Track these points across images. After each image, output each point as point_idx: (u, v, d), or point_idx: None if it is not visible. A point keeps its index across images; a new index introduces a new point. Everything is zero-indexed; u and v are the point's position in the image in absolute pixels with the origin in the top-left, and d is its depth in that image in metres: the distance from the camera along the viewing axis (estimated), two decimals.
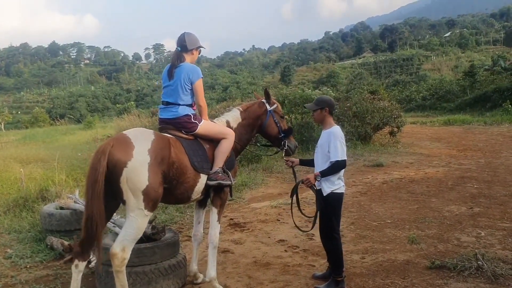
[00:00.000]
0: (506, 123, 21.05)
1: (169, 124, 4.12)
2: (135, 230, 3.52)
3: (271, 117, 4.69)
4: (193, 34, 4.35)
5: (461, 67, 69.00)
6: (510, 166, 10.23)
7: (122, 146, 3.50)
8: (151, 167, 3.50)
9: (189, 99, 4.15)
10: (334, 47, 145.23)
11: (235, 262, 4.98)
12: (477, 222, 6.13)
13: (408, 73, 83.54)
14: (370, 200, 7.83)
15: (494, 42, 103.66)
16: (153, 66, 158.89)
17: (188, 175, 3.87)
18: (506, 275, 4.21)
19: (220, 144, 4.15)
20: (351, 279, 4.38)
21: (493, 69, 42.02)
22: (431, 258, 4.74)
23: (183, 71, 4.11)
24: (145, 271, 3.93)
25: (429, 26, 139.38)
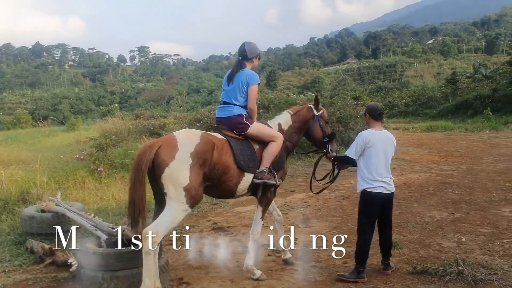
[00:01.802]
0: (487, 130, 21.41)
1: (223, 124, 4.51)
2: (171, 219, 3.87)
3: (317, 122, 5.04)
4: (253, 43, 4.75)
5: (443, 74, 70.12)
6: (490, 173, 10.39)
7: (168, 148, 3.89)
8: (192, 168, 3.86)
9: (244, 101, 4.52)
10: (319, 52, 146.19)
11: (218, 266, 4.96)
12: (458, 227, 6.21)
13: (391, 79, 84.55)
14: (353, 205, 7.85)
15: (476, 50, 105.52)
16: (137, 68, 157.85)
17: (231, 174, 4.20)
18: (486, 280, 4.27)
19: (269, 146, 4.47)
20: (333, 283, 4.41)
21: (474, 77, 42.72)
22: (413, 263, 4.79)
23: (242, 76, 4.52)
24: (126, 275, 3.90)
25: (412, 34, 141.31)
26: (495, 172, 10.48)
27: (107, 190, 8.73)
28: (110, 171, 10.16)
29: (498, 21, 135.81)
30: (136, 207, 3.85)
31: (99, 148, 11.57)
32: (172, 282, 4.47)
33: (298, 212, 7.54)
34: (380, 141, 4.55)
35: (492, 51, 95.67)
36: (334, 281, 4.46)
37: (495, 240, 5.56)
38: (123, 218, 6.85)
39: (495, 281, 4.25)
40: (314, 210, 7.62)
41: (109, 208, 7.56)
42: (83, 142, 16.17)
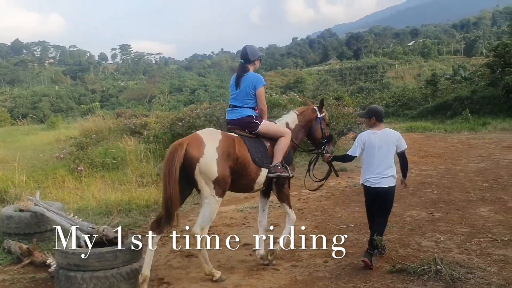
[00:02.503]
0: (465, 131, 21.75)
1: (235, 125, 4.83)
2: (210, 212, 4.33)
3: (319, 123, 5.38)
4: (253, 46, 5.07)
5: (423, 75, 70.97)
6: (468, 173, 10.57)
7: (196, 145, 4.24)
8: (219, 162, 4.23)
9: (252, 103, 4.84)
10: (302, 53, 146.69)
11: (199, 266, 4.93)
12: (436, 227, 6.31)
13: (372, 80, 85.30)
14: (334, 204, 7.95)
15: (455, 52, 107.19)
16: (119, 66, 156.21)
17: (251, 169, 4.57)
18: (463, 278, 4.34)
19: (279, 142, 4.79)
20: (314, 283, 4.44)
21: (453, 78, 43.35)
22: (392, 262, 4.85)
23: (248, 79, 4.83)
24: (106, 275, 3.87)
25: (393, 35, 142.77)
26: (473, 172, 10.67)
27: (87, 190, 8.65)
28: (90, 170, 10.07)
29: (477, 23, 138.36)
30: (173, 203, 4.12)
31: (79, 147, 11.46)
32: (152, 282, 4.45)
33: (280, 211, 7.55)
34: (376, 141, 4.96)
35: (471, 53, 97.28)
36: (315, 280, 4.49)
37: (472, 239, 5.66)
38: (103, 217, 6.80)
39: (472, 280, 4.33)
40: (295, 210, 7.58)
41: (89, 207, 7.50)
42: (63, 141, 15.99)
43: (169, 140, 13.09)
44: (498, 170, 10.79)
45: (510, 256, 4.99)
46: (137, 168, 10.32)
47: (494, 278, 4.38)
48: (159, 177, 9.76)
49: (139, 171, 10.08)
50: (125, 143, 11.99)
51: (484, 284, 4.25)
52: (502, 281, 4.30)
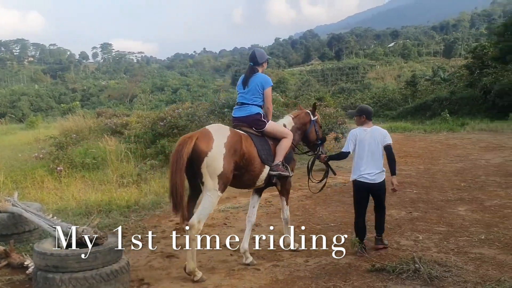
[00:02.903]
0: (444, 131, 22.09)
1: (243, 122, 5.04)
2: (210, 206, 4.45)
3: (313, 126, 5.71)
4: (261, 49, 5.43)
5: (404, 76, 71.82)
6: (447, 173, 10.74)
7: (205, 139, 4.39)
8: (226, 157, 4.40)
9: (260, 101, 5.08)
10: (284, 53, 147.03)
11: (180, 266, 4.93)
12: (415, 226, 6.40)
13: (353, 81, 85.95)
14: (315, 204, 8.00)
15: (435, 53, 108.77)
16: (100, 65, 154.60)
17: (256, 165, 4.79)
18: (441, 277, 4.41)
19: (281, 142, 5.06)
20: (294, 282, 4.46)
21: (433, 79, 44.01)
22: (372, 261, 4.91)
23: (257, 79, 5.09)
24: (86, 276, 3.82)
25: (374, 36, 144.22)
26: (451, 172, 10.85)
27: (67, 190, 8.55)
28: (70, 170, 9.95)
29: (456, 25, 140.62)
30: (178, 192, 4.26)
31: (59, 147, 11.34)
32: (132, 283, 4.42)
33: (262, 211, 7.58)
34: (367, 138, 5.31)
35: (450, 54, 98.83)
36: (296, 280, 4.51)
37: (450, 238, 5.75)
38: (83, 218, 6.73)
39: (449, 278, 4.40)
40: (277, 210, 7.66)
41: (69, 208, 7.41)
42: (42, 141, 15.75)
43: (150, 140, 13.00)
44: (475, 170, 10.99)
45: (486, 255, 5.09)
46: (117, 168, 10.24)
47: (470, 276, 4.46)
48: (140, 178, 9.70)
49: (119, 171, 10.00)
50: (106, 143, 11.88)
51: (461, 282, 4.32)
52: (478, 279, 4.38)
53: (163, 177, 9.84)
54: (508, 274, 4.45)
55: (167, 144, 11.57)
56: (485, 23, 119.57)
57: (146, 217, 7.22)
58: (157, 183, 9.14)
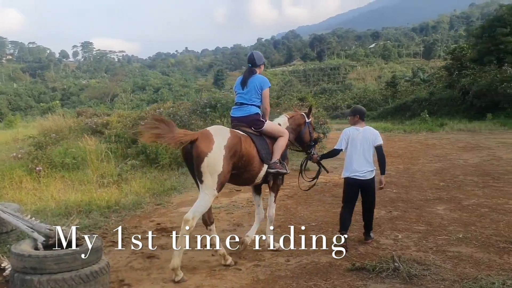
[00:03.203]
0: (424, 132, 22.41)
1: (241, 122, 5.19)
2: (205, 204, 4.57)
3: (307, 127, 5.92)
4: (259, 52, 5.56)
5: (384, 77, 72.69)
6: (426, 172, 10.90)
7: (205, 140, 4.51)
8: (225, 159, 4.52)
9: (258, 101, 5.25)
10: (266, 53, 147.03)
11: (160, 267, 4.91)
12: (395, 225, 6.48)
13: (335, 81, 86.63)
14: (297, 203, 8.04)
15: (414, 54, 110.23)
16: (81, 64, 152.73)
17: (255, 165, 4.96)
18: (420, 275, 4.47)
19: (278, 141, 5.26)
20: (275, 281, 4.47)
21: (413, 80, 44.66)
22: (352, 260, 4.95)
23: (256, 80, 5.25)
24: (65, 278, 3.77)
25: (356, 37, 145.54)
26: (430, 172, 11.01)
27: (46, 190, 8.43)
28: (49, 170, 9.81)
29: (436, 27, 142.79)
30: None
31: (38, 147, 11.17)
32: (112, 284, 4.38)
33: (243, 211, 7.59)
34: (359, 137, 5.55)
35: (429, 56, 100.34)
36: (277, 279, 4.53)
37: (429, 237, 5.83)
38: (62, 219, 6.64)
39: (428, 276, 4.46)
40: None
41: (48, 208, 7.30)
42: (21, 140, 15.53)
43: (130, 140, 12.90)
44: (454, 170, 11.18)
45: (464, 253, 5.18)
46: (98, 168, 10.13)
47: (448, 274, 4.53)
48: (120, 178, 9.62)
49: (100, 171, 9.90)
50: (86, 142, 11.73)
51: (439, 280, 4.38)
52: (456, 277, 4.45)
53: (144, 177, 9.78)
54: (485, 272, 4.53)
55: (148, 144, 11.49)
56: (464, 25, 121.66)
57: (126, 218, 7.15)
58: (138, 183, 9.07)
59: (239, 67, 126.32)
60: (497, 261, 4.88)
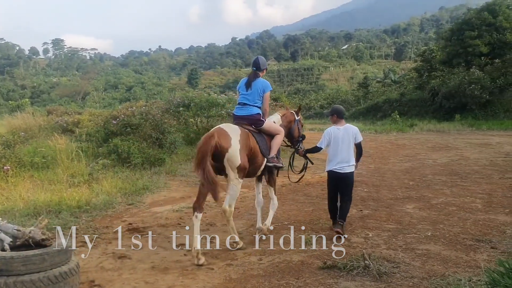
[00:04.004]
0: (394, 132, 22.81)
1: (244, 120, 5.66)
2: (236, 192, 5.24)
3: (297, 124, 6.55)
4: (263, 58, 6.14)
5: (356, 78, 73.64)
6: (396, 172, 11.10)
7: (224, 137, 5.08)
8: (241, 152, 5.13)
9: (260, 103, 5.77)
10: (241, 53, 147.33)
11: (132, 268, 4.86)
12: (366, 223, 6.58)
13: (308, 82, 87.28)
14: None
15: (386, 56, 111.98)
16: (51, 61, 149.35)
17: (259, 158, 5.57)
18: (389, 273, 4.55)
19: (275, 138, 5.84)
20: (248, 280, 4.48)
21: (384, 82, 45.38)
22: (324, 259, 5.00)
23: (259, 83, 5.77)
24: (32, 279, 3.69)
25: (329, 38, 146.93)
26: (400, 171, 11.23)
27: (14, 190, 8.22)
28: (18, 169, 9.56)
29: (407, 29, 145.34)
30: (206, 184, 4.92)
31: (6, 145, 10.89)
32: (83, 285, 4.31)
33: (216, 211, 7.58)
34: (340, 135, 6.08)
35: (400, 57, 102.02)
36: (249, 278, 4.54)
37: (398, 235, 5.94)
38: (31, 219, 6.50)
39: (397, 274, 4.55)
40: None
41: (16, 208, 7.12)
42: None
43: (102, 139, 12.72)
44: (423, 169, 11.43)
45: (432, 251, 5.29)
46: (68, 167, 9.95)
47: (417, 271, 4.63)
48: (91, 177, 9.47)
49: (70, 171, 9.72)
50: (56, 141, 11.49)
51: (408, 278, 4.47)
52: (424, 274, 4.55)
53: (116, 177, 9.65)
54: (452, 269, 4.64)
55: (120, 143, 11.35)
56: (434, 28, 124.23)
57: (97, 218, 7.05)
58: (109, 183, 8.95)
59: (213, 66, 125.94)
60: (463, 258, 5.00)
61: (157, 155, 11.68)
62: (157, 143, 12.65)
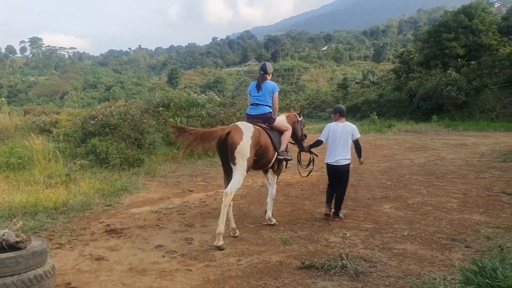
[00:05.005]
0: (373, 132, 23.05)
1: (257, 119, 6.31)
2: (239, 181, 5.70)
3: (300, 125, 7.32)
4: (269, 63, 6.77)
5: (336, 79, 74.25)
6: (374, 172, 11.23)
7: (237, 133, 5.69)
8: (251, 147, 5.70)
9: (270, 103, 6.44)
10: (221, 53, 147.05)
11: (109, 269, 4.81)
12: (344, 223, 6.64)
13: (289, 82, 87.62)
14: (249, 203, 8.09)
15: (365, 57, 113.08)
16: (29, 60, 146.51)
17: (270, 152, 6.21)
18: (366, 272, 4.60)
19: (284, 133, 6.54)
20: (226, 282, 4.48)
21: (363, 83, 45.84)
22: (302, 259, 5.03)
23: (268, 85, 6.46)
24: (6, 283, 3.62)
25: (309, 39, 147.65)
26: (378, 171, 11.36)
27: None
28: None
29: (385, 31, 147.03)
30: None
31: None
32: None
33: (196, 211, 7.56)
34: (338, 131, 6.88)
35: (379, 59, 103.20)
36: (227, 279, 4.55)
37: (375, 235, 6.01)
38: (6, 221, 6.39)
39: (374, 273, 4.60)
40: (211, 209, 7.68)
41: None
42: None
43: (80, 139, 12.56)
44: (400, 169, 11.58)
45: (408, 250, 5.37)
46: (45, 168, 9.80)
47: (393, 271, 4.69)
48: (69, 178, 9.35)
49: (47, 171, 9.58)
50: (33, 141, 11.32)
51: (385, 277, 4.53)
52: (400, 273, 4.61)
53: (94, 178, 9.55)
54: (428, 268, 4.72)
55: (98, 143, 11.23)
56: (412, 30, 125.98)
57: (74, 219, 6.96)
58: (87, 184, 8.84)
59: (194, 66, 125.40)
60: (439, 257, 5.09)
61: (136, 155, 11.60)
62: (136, 143, 12.56)
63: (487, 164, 11.97)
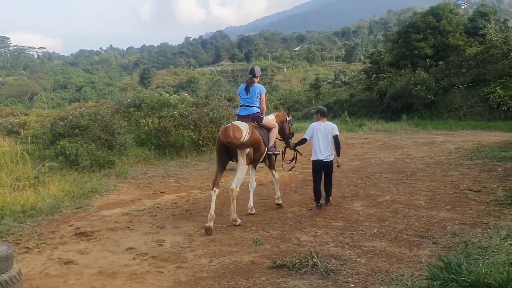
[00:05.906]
0: (344, 132, 23.23)
1: (246, 118, 6.94)
2: (242, 175, 6.50)
3: (288, 124, 8.04)
4: (258, 67, 7.52)
5: (308, 79, 74.79)
6: (345, 171, 11.35)
7: (237, 130, 6.44)
8: (249, 142, 6.41)
9: (258, 104, 7.09)
10: (194, 53, 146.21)
11: (78, 273, 4.75)
12: (315, 222, 6.70)
13: (262, 82, 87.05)
14: (222, 203, 8.06)
15: (337, 58, 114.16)
16: None
17: (262, 148, 6.94)
18: (336, 270, 4.67)
19: (272, 131, 7.22)
20: (198, 283, 4.48)
21: (334, 83, 46.33)
22: (273, 258, 5.06)
23: (256, 88, 7.10)
24: None
25: (282, 40, 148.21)
26: (349, 170, 11.50)
27: None
28: None
29: (356, 32, 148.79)
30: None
31: None
32: None
33: (167, 213, 7.52)
34: (321, 130, 7.51)
35: (350, 59, 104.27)
36: (199, 280, 4.54)
37: (346, 233, 6.09)
38: None
39: (344, 271, 4.68)
40: (183, 211, 7.65)
41: None
42: None
43: (49, 141, 12.31)
44: (371, 168, 11.76)
45: (378, 247, 5.47)
46: (12, 170, 9.59)
47: (363, 268, 4.77)
48: (37, 180, 9.16)
49: (14, 174, 9.37)
50: (0, 143, 11.04)
51: (355, 274, 4.60)
52: (370, 270, 4.70)
53: (63, 180, 9.39)
54: (396, 265, 4.82)
55: (68, 145, 11.03)
56: (382, 30, 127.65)
57: (43, 222, 6.84)
58: (56, 186, 8.68)
59: (167, 65, 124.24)
60: (407, 254, 5.20)
61: (107, 156, 11.45)
62: (107, 144, 12.38)
63: (455, 162, 12.25)
